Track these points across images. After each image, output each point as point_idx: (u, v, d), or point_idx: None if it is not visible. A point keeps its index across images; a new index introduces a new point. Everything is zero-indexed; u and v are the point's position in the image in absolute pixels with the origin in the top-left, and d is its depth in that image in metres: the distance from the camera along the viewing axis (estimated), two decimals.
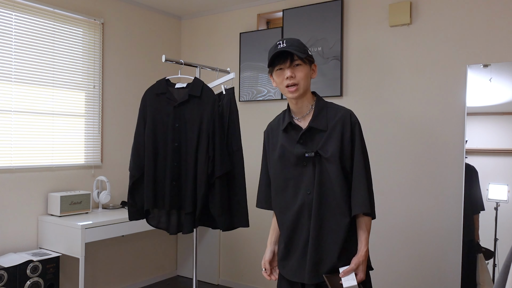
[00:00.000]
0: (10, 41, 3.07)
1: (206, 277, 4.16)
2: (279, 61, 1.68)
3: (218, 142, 2.49)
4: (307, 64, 1.70)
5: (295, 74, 1.67)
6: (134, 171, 2.55)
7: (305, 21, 3.57)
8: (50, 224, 3.12)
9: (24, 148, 3.15)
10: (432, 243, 3.04)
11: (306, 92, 1.72)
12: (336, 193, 1.66)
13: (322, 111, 1.73)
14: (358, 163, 1.67)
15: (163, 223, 2.58)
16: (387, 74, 3.24)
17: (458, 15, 2.97)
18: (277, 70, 1.71)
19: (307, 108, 1.74)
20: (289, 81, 1.67)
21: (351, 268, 1.61)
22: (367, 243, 1.65)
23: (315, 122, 1.70)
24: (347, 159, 1.68)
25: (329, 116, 1.71)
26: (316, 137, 1.70)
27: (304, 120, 1.75)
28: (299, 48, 1.66)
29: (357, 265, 1.62)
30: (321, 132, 1.69)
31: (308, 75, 1.71)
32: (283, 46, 1.66)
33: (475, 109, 2.84)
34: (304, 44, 1.72)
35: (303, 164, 1.70)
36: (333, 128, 1.69)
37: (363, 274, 1.62)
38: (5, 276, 2.74)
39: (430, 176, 3.05)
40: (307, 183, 1.69)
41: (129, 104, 3.89)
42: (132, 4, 3.92)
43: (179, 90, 2.59)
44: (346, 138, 1.68)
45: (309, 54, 1.71)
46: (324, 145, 1.67)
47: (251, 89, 3.88)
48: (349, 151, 1.68)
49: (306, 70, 1.69)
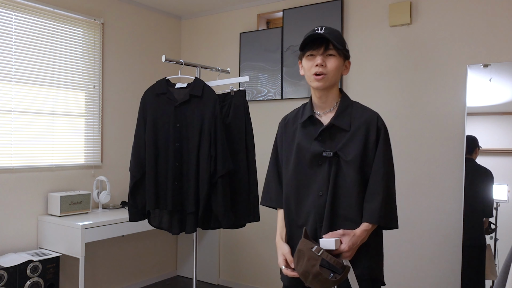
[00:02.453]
0: (10, 41, 3.07)
1: (206, 277, 4.16)
2: (312, 46, 1.55)
3: (220, 141, 2.49)
4: (341, 57, 1.57)
5: (326, 63, 1.54)
6: (135, 171, 2.55)
7: (305, 21, 3.57)
8: (50, 224, 3.12)
9: (24, 148, 3.15)
10: (432, 243, 3.04)
11: (333, 86, 1.60)
12: (351, 200, 1.54)
13: (347, 109, 1.60)
14: (377, 171, 1.54)
15: (165, 223, 2.58)
16: (387, 74, 3.24)
17: (458, 15, 2.97)
18: (308, 56, 1.58)
19: (331, 104, 1.62)
20: (318, 69, 1.54)
21: (337, 232, 1.48)
22: (364, 233, 1.50)
23: (337, 120, 1.57)
24: (368, 165, 1.55)
25: (353, 115, 1.59)
26: (337, 136, 1.57)
27: (326, 116, 1.62)
28: (338, 38, 1.54)
29: (345, 235, 1.47)
30: (343, 131, 1.57)
31: (340, 69, 1.58)
32: (321, 31, 1.53)
33: (475, 109, 2.84)
34: (343, 37, 1.60)
35: (318, 164, 1.58)
36: (357, 130, 1.56)
37: (347, 247, 1.45)
38: (5, 276, 2.74)
39: (430, 176, 3.05)
40: (320, 184, 1.57)
41: (129, 104, 3.89)
42: (132, 4, 3.92)
43: (180, 90, 2.59)
44: (371, 143, 1.55)
45: (346, 48, 1.59)
46: (344, 146, 1.55)
47: (251, 89, 3.88)
48: (372, 157, 1.55)
49: (338, 62, 1.56)
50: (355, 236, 1.48)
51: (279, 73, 3.70)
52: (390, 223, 1.54)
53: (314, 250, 1.36)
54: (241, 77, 2.79)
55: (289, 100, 3.69)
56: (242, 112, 2.68)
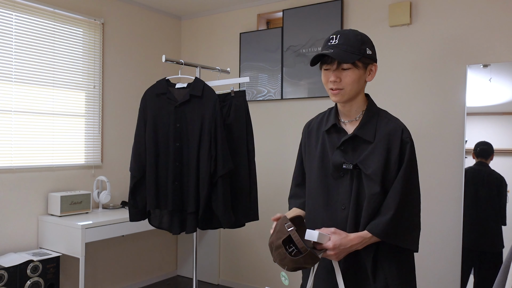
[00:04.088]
0: (11, 41, 3.07)
1: (206, 277, 4.16)
2: (326, 60, 1.46)
3: (220, 141, 2.50)
4: (359, 68, 1.45)
5: (342, 78, 1.45)
6: (135, 172, 2.55)
7: (305, 21, 3.57)
8: (50, 224, 3.12)
9: (25, 148, 3.15)
10: (431, 244, 3.04)
11: (354, 97, 1.50)
12: (371, 215, 1.44)
13: (372, 119, 1.50)
14: (395, 187, 1.43)
15: (165, 223, 2.58)
16: (387, 74, 3.24)
17: (458, 15, 2.97)
18: (324, 70, 1.49)
19: (357, 113, 1.53)
20: (333, 85, 1.46)
21: (330, 229, 1.43)
22: (360, 240, 1.43)
23: (361, 131, 1.48)
24: (390, 181, 1.45)
25: (378, 126, 1.48)
26: (359, 148, 1.49)
27: (351, 125, 1.53)
28: (353, 47, 1.42)
29: (336, 233, 1.41)
30: (367, 143, 1.48)
31: (359, 79, 1.46)
32: (334, 42, 1.43)
33: (475, 109, 2.84)
34: (363, 40, 1.45)
35: (340, 175, 1.50)
36: (380, 141, 1.46)
37: (331, 245, 1.39)
38: (5, 276, 2.74)
39: (430, 176, 3.05)
40: (343, 197, 1.49)
41: (129, 104, 3.90)
42: (132, 4, 3.92)
43: (180, 90, 2.59)
44: (393, 157, 1.45)
45: (366, 54, 1.45)
46: (366, 159, 1.46)
47: (251, 89, 3.88)
48: (394, 173, 1.45)
49: (356, 75, 1.45)
50: (346, 238, 1.41)
51: (279, 73, 3.70)
52: (401, 242, 1.44)
53: (286, 225, 1.36)
54: (241, 78, 2.80)
55: (289, 100, 3.69)
56: (243, 112, 2.70)
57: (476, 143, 2.80)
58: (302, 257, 1.30)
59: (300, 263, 1.33)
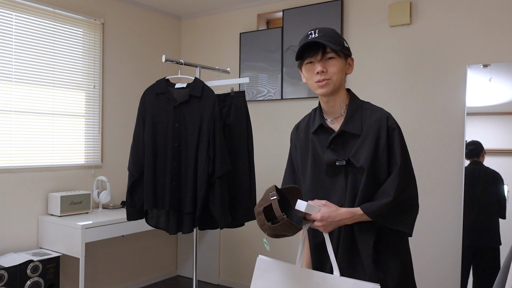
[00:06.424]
0: (11, 41, 3.07)
1: (206, 277, 4.16)
2: (310, 53, 1.49)
3: (218, 142, 2.50)
4: (342, 57, 1.49)
5: (327, 68, 1.47)
6: (133, 171, 2.55)
7: (305, 21, 3.57)
8: (51, 224, 3.12)
9: (25, 148, 3.16)
10: (431, 244, 3.04)
11: (339, 89, 1.52)
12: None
13: (356, 112, 1.52)
14: (394, 175, 1.44)
15: (162, 223, 2.58)
16: (387, 74, 3.24)
17: (458, 15, 2.97)
18: (307, 64, 1.51)
19: (340, 108, 1.54)
20: (320, 77, 1.48)
21: (321, 202, 1.44)
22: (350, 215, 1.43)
23: (347, 126, 1.49)
24: (381, 169, 1.45)
25: (364, 118, 1.50)
26: (349, 143, 1.49)
27: (337, 122, 1.54)
28: (333, 38, 1.47)
29: (326, 205, 1.42)
30: (355, 137, 1.49)
31: (343, 70, 1.50)
32: (314, 36, 1.47)
33: (475, 109, 2.84)
34: (340, 34, 1.52)
35: (335, 173, 1.51)
36: (367, 133, 1.47)
37: (319, 216, 1.40)
38: (6, 276, 2.74)
39: (430, 176, 3.05)
40: (339, 194, 1.50)
41: (129, 104, 3.90)
42: (132, 4, 3.92)
43: (179, 90, 2.60)
44: (381, 145, 1.45)
45: (345, 46, 1.51)
46: (356, 152, 1.47)
47: (251, 89, 3.88)
48: (384, 161, 1.45)
49: (340, 64, 1.49)
50: (336, 211, 1.41)
51: (279, 73, 3.70)
52: (393, 225, 1.44)
53: (270, 194, 1.39)
54: (241, 78, 2.80)
55: (289, 100, 3.69)
56: (243, 113, 2.71)
57: (466, 145, 2.84)
58: (279, 225, 1.34)
59: (278, 230, 1.36)
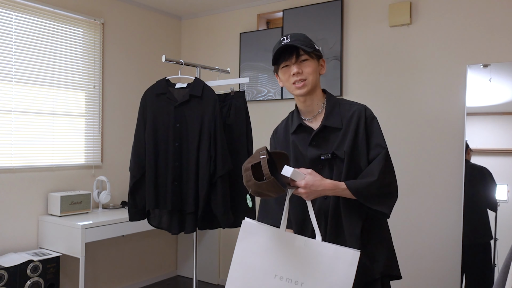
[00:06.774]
0: (11, 41, 3.07)
1: (206, 277, 4.16)
2: (284, 57, 1.58)
3: (219, 141, 2.50)
4: (314, 59, 1.59)
5: (302, 69, 1.57)
6: (134, 171, 2.55)
7: (305, 21, 3.57)
8: (51, 224, 3.12)
9: (25, 148, 3.15)
10: (432, 243, 3.04)
11: (315, 88, 1.60)
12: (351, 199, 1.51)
13: (335, 108, 1.60)
14: (377, 158, 1.51)
15: (165, 223, 2.58)
16: (387, 74, 3.24)
17: (458, 15, 2.97)
18: (283, 68, 1.60)
19: (318, 106, 1.62)
20: (296, 77, 1.56)
21: (307, 170, 1.48)
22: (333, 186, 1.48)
23: (329, 120, 1.58)
24: (362, 158, 1.54)
25: (342, 112, 1.59)
26: (331, 137, 1.57)
27: (316, 120, 1.62)
28: (305, 42, 1.57)
29: (311, 174, 1.47)
30: (336, 130, 1.57)
31: (317, 71, 1.60)
32: (287, 41, 1.56)
33: (475, 109, 2.85)
34: (310, 38, 1.62)
35: (319, 167, 1.56)
36: (348, 126, 1.56)
37: (303, 183, 1.45)
38: (6, 276, 2.74)
39: (430, 176, 3.05)
40: None
41: (129, 104, 3.90)
42: (132, 4, 3.92)
43: (179, 90, 2.60)
44: (361, 135, 1.54)
45: (316, 48, 1.61)
46: (340, 144, 1.55)
47: (251, 89, 3.88)
48: (364, 149, 1.54)
49: (314, 65, 1.58)
50: (320, 181, 1.47)
51: None
52: (375, 205, 1.49)
53: (260, 153, 1.42)
54: (241, 79, 2.80)
55: (289, 100, 3.69)
56: (243, 113, 2.71)
57: None
58: (264, 183, 1.36)
59: (263, 188, 1.38)
